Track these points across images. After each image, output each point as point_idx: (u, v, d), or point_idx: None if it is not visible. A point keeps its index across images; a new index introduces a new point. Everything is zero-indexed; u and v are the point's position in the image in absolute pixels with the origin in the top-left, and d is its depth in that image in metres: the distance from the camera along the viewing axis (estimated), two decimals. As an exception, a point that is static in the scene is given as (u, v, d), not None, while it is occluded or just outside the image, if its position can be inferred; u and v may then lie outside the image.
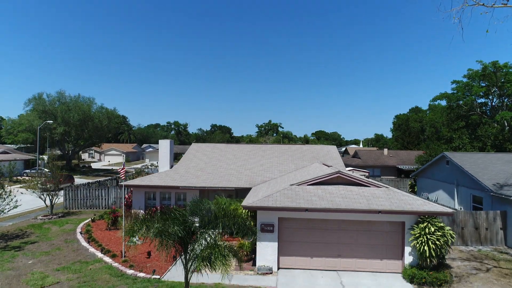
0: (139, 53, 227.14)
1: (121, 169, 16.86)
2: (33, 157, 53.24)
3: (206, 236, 9.61)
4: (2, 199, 18.57)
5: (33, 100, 52.87)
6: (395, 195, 14.28)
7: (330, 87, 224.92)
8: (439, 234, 12.95)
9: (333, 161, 24.32)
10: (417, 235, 13.15)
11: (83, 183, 31.94)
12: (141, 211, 20.34)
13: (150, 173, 37.68)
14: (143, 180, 21.49)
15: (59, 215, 23.32)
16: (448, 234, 13.19)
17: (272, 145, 29.75)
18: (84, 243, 17.14)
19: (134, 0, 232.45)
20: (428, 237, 12.90)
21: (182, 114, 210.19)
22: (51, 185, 23.12)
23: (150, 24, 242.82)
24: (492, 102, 42.26)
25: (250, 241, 14.89)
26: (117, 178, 36.42)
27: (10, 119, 60.18)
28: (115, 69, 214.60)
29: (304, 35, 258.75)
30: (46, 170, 26.54)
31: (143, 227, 9.84)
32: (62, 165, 30.77)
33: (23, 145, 60.85)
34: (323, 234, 14.10)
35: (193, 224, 9.66)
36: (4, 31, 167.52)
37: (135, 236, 16.34)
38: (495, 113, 40.56)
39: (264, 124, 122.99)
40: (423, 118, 68.13)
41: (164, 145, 25.94)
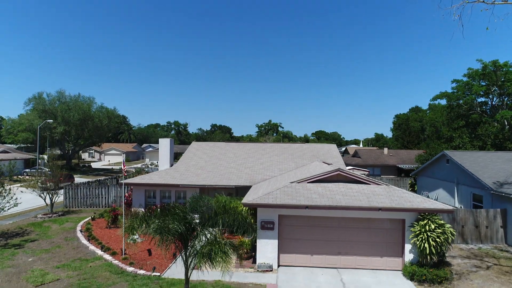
0: (139, 53, 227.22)
1: (124, 165, 16.86)
2: (33, 157, 53.25)
3: (206, 232, 9.61)
4: (2, 197, 18.57)
5: (33, 100, 52.91)
6: (395, 192, 14.27)
7: (330, 87, 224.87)
8: (439, 231, 12.94)
9: (333, 159, 24.32)
10: (417, 232, 13.14)
11: (83, 182, 31.94)
12: (141, 210, 20.33)
13: (150, 172, 37.69)
14: (143, 178, 21.49)
15: (59, 214, 23.33)
16: (449, 231, 13.18)
17: (272, 143, 29.74)
18: (84, 241, 17.14)
19: (134, 0, 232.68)
20: (429, 234, 12.88)
21: (182, 114, 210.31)
22: (51, 183, 23.13)
23: (150, 24, 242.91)
24: (492, 101, 42.25)
25: (250, 238, 14.87)
26: (117, 177, 36.42)
27: (10, 118, 60.26)
28: (115, 69, 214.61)
29: (304, 35, 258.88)
30: (46, 169, 26.56)
31: (143, 223, 9.86)
32: (62, 164, 30.79)
33: (23, 144, 60.87)
34: (323, 232, 14.10)
35: (193, 220, 9.66)
36: (4, 31, 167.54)
37: (135, 233, 16.33)
38: (495, 112, 40.55)
39: (264, 124, 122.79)
40: (423, 118, 68.21)
41: (164, 143, 25.98)
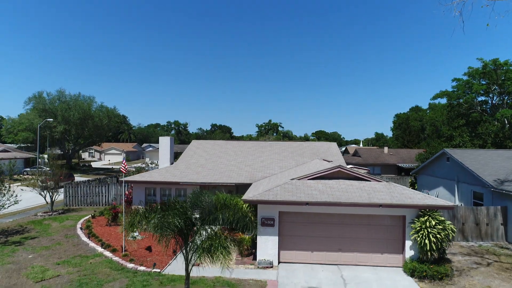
0: (139, 53, 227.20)
1: (123, 163, 16.85)
2: (33, 156, 53.24)
3: (207, 227, 9.60)
4: (2, 195, 18.58)
5: (33, 99, 52.83)
6: (395, 189, 14.26)
7: (330, 87, 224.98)
8: (439, 227, 12.93)
9: (333, 157, 24.31)
10: (417, 228, 13.14)
11: (83, 180, 31.92)
12: (142, 207, 20.30)
13: (150, 170, 37.67)
14: (143, 176, 21.47)
15: (59, 212, 23.32)
16: (449, 228, 13.17)
17: (272, 142, 29.72)
18: (84, 238, 17.14)
19: (134, 0, 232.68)
20: (429, 230, 12.87)
21: (182, 114, 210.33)
22: (51, 182, 23.13)
23: (150, 24, 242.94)
24: (492, 100, 42.27)
25: (250, 235, 14.88)
26: (117, 175, 36.41)
27: (10, 118, 60.16)
28: (115, 69, 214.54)
29: (304, 35, 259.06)
30: (46, 168, 26.55)
31: (143, 220, 9.85)
32: (62, 164, 30.81)
33: (23, 144, 60.83)
34: (324, 228, 14.08)
35: (193, 216, 9.64)
36: (4, 31, 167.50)
37: (135, 230, 16.35)
38: (495, 111, 40.55)
39: (264, 124, 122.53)
40: (423, 117, 68.21)
41: (165, 142, 25.97)
